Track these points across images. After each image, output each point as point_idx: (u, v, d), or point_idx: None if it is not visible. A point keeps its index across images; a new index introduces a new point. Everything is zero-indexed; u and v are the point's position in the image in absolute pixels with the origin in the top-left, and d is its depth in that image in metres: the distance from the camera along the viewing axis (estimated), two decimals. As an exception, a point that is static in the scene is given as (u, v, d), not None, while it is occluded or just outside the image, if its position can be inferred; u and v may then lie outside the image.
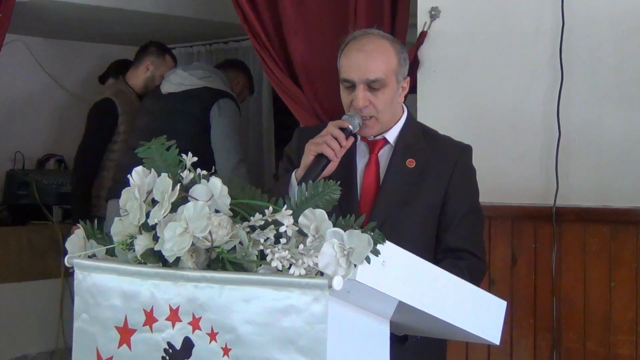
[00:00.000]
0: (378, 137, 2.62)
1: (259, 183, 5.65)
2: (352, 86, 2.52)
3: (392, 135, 2.62)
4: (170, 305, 1.79)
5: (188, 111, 4.61)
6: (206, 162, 1.90)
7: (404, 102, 2.68)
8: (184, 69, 4.86)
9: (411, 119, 2.69)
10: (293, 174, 2.49)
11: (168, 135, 1.93)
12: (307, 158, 2.47)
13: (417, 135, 2.65)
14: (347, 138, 2.47)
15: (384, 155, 2.62)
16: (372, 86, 2.50)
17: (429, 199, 2.57)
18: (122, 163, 4.82)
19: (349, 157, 2.59)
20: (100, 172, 4.88)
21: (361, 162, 2.62)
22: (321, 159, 2.45)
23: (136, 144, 5.11)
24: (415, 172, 2.58)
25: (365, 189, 2.59)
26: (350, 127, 2.48)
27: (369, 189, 2.59)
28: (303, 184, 1.82)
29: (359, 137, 2.62)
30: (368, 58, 2.51)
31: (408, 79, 2.62)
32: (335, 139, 2.45)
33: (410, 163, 2.58)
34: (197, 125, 4.58)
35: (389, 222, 2.50)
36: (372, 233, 1.67)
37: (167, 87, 4.75)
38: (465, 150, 2.66)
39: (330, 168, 2.47)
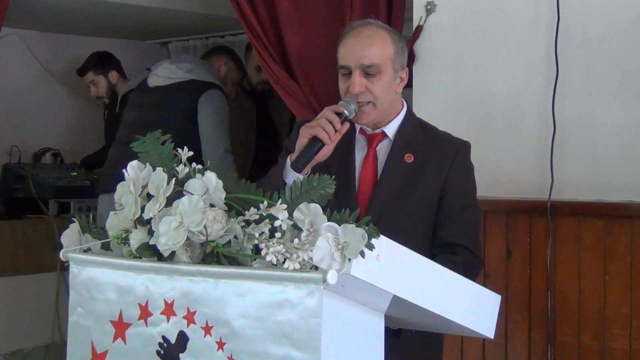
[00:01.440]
0: (377, 131, 2.63)
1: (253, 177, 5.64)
2: (349, 73, 2.53)
3: (390, 130, 2.63)
4: (165, 299, 1.80)
5: (176, 104, 4.58)
6: (196, 155, 1.90)
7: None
8: (171, 62, 4.83)
9: (410, 114, 2.69)
10: (288, 157, 2.50)
11: (157, 129, 1.93)
12: (302, 141, 2.47)
13: (415, 130, 2.65)
14: (342, 123, 2.47)
15: (382, 149, 2.63)
16: (368, 72, 2.51)
17: (426, 194, 2.57)
18: (111, 156, 4.82)
19: (348, 151, 2.60)
20: None
21: (359, 155, 2.63)
22: (315, 142, 2.44)
23: (125, 137, 5.08)
24: (413, 167, 2.58)
25: (363, 183, 2.60)
26: (346, 112, 2.48)
27: (366, 182, 2.59)
28: (293, 182, 1.81)
29: (357, 130, 2.63)
30: (364, 44, 2.52)
31: (406, 69, 2.63)
32: (330, 122, 2.45)
33: (409, 158, 2.59)
34: (185, 118, 4.55)
35: (386, 215, 2.50)
36: (366, 227, 1.67)
37: (154, 81, 4.73)
38: (463, 146, 2.66)
39: (325, 152, 2.47)
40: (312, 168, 2.45)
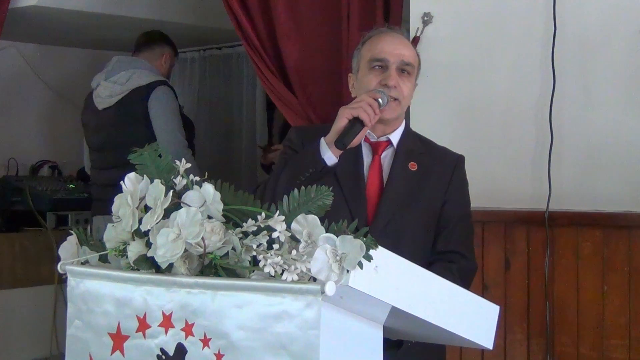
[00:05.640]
0: (382, 139, 2.65)
1: (251, 185, 5.64)
2: (382, 67, 2.57)
3: (394, 138, 2.66)
4: (163, 312, 1.79)
5: (131, 119, 4.52)
6: None
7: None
8: (107, 78, 4.66)
9: (408, 127, 2.74)
10: (322, 139, 2.51)
11: (126, 148, 1.93)
12: (341, 121, 2.48)
13: (415, 142, 2.70)
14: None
15: (386, 157, 2.65)
16: (405, 69, 2.58)
17: (429, 202, 2.61)
18: (94, 180, 4.79)
19: (355, 158, 2.62)
20: None
21: (365, 163, 2.65)
22: (356, 123, 2.47)
23: (98, 163, 4.97)
24: (417, 175, 2.62)
25: (369, 191, 2.61)
26: (380, 100, 2.51)
27: (373, 189, 2.61)
28: (290, 194, 1.80)
29: (362, 139, 2.64)
30: (403, 43, 2.63)
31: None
32: (370, 106, 2.48)
33: (413, 166, 2.63)
34: (146, 126, 4.50)
35: (393, 222, 2.54)
36: (364, 238, 1.67)
37: (101, 103, 4.64)
38: (461, 160, 2.71)
39: (360, 136, 2.49)
40: (330, 166, 2.48)
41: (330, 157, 2.47)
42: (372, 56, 2.59)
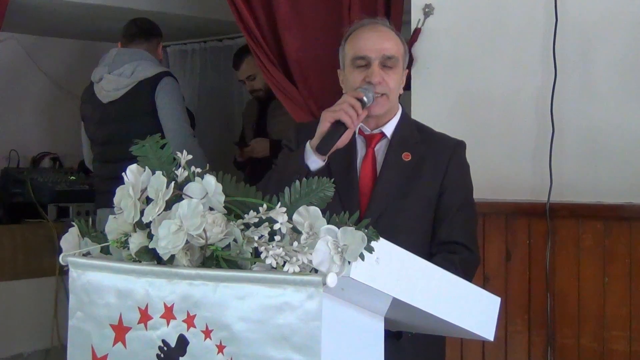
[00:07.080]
0: (375, 131, 2.65)
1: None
2: (365, 65, 2.56)
3: (388, 130, 2.65)
4: (164, 303, 1.80)
5: (138, 112, 4.51)
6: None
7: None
8: (110, 70, 4.62)
9: (405, 115, 2.72)
10: (307, 143, 2.51)
11: (133, 141, 1.92)
12: (324, 125, 2.48)
13: (412, 130, 2.68)
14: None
15: (380, 149, 2.65)
16: (387, 64, 2.56)
17: (424, 192, 2.60)
18: (97, 173, 4.78)
19: (348, 151, 2.61)
20: None
21: (358, 156, 2.64)
22: (338, 126, 2.46)
23: (102, 157, 4.94)
24: (411, 165, 2.60)
25: (362, 183, 2.61)
26: (365, 99, 2.50)
27: (366, 182, 2.61)
28: (292, 185, 1.80)
29: (356, 132, 2.63)
30: (383, 37, 2.59)
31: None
32: (352, 107, 2.47)
33: (406, 156, 2.61)
34: (152, 118, 4.49)
35: (385, 214, 2.53)
36: (366, 230, 1.67)
37: (106, 96, 4.61)
38: (459, 146, 2.68)
39: (344, 138, 2.48)
40: (314, 171, 2.46)
41: (315, 161, 2.47)
42: (354, 54, 2.58)
